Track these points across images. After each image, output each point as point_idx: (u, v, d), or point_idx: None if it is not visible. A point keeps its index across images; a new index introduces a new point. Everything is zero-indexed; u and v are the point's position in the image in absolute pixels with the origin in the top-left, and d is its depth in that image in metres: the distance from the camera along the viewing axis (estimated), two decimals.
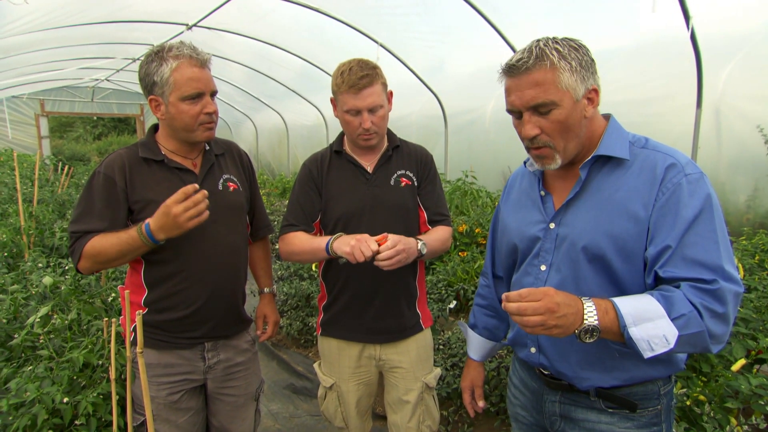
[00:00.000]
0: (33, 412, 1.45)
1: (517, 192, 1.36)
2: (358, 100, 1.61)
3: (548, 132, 1.10)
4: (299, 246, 1.71)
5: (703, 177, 1.06)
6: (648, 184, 1.08)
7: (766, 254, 3.32)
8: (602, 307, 0.99)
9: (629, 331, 0.97)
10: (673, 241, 1.02)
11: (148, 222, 1.44)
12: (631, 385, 1.16)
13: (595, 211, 1.12)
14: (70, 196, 5.08)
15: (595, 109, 1.13)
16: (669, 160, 1.08)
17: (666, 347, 0.96)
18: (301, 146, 10.60)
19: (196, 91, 1.51)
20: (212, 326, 1.63)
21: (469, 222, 4.44)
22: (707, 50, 3.93)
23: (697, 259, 1.01)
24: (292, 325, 3.78)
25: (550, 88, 1.07)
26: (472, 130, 6.46)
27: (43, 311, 1.74)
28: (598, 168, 1.15)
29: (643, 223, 1.07)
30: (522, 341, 1.30)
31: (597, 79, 1.13)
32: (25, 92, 12.08)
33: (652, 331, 0.96)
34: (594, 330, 0.97)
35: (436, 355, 2.71)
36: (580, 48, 1.10)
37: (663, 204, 1.05)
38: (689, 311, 0.97)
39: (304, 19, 5.97)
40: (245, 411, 1.77)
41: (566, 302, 0.97)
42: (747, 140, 4.03)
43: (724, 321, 1.00)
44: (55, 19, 5.83)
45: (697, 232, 1.02)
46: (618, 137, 1.14)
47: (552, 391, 1.26)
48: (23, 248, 3.13)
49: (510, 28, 4.87)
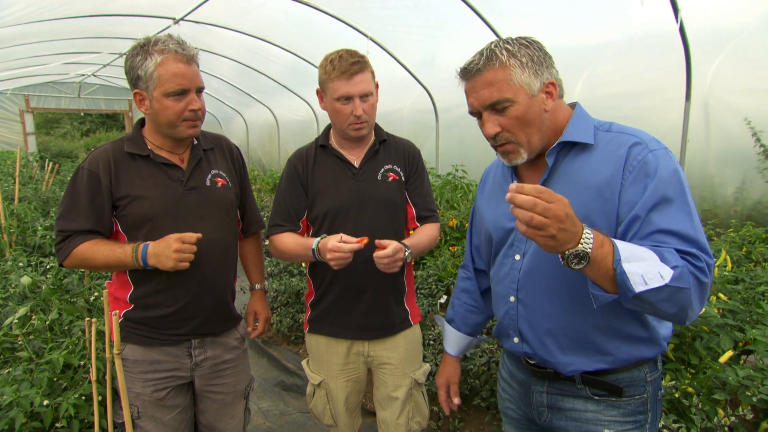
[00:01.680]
0: (11, 415, 1.41)
1: (491, 183, 1.39)
2: (350, 86, 1.58)
3: (508, 128, 1.13)
4: (287, 248, 1.72)
5: (668, 152, 1.08)
6: (613, 163, 1.09)
7: (753, 246, 3.35)
8: (599, 239, 0.97)
9: (623, 265, 0.95)
10: (642, 212, 1.03)
11: (147, 244, 1.47)
12: (617, 371, 1.16)
13: (563, 195, 1.10)
14: (55, 194, 4.99)
15: (555, 101, 1.15)
16: (632, 140, 1.09)
17: (660, 282, 0.94)
18: (292, 141, 10.53)
19: (180, 87, 1.47)
20: (199, 323, 1.61)
21: (459, 216, 4.43)
22: (696, 43, 3.94)
23: (672, 229, 1.01)
24: (282, 322, 3.76)
25: (503, 86, 1.10)
26: (463, 125, 6.44)
27: (22, 312, 1.69)
28: (564, 154, 1.17)
29: (611, 201, 1.07)
30: (505, 332, 1.30)
31: (554, 73, 1.15)
32: (8, 87, 11.87)
33: (647, 268, 0.95)
34: (584, 256, 0.94)
35: (426, 351, 2.70)
36: (532, 44, 1.13)
37: (631, 181, 1.06)
38: (682, 265, 0.97)
39: (293, 13, 5.91)
40: (234, 409, 1.75)
41: (573, 219, 0.94)
42: (735, 133, 4.05)
43: (704, 292, 1.00)
44: (37, 12, 5.71)
45: (669, 204, 1.02)
46: (582, 123, 1.16)
47: (539, 381, 1.27)
48: (4, 247, 3.06)
49: (501, 22, 4.85)
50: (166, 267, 1.45)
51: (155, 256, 1.46)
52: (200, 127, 1.59)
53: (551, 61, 1.15)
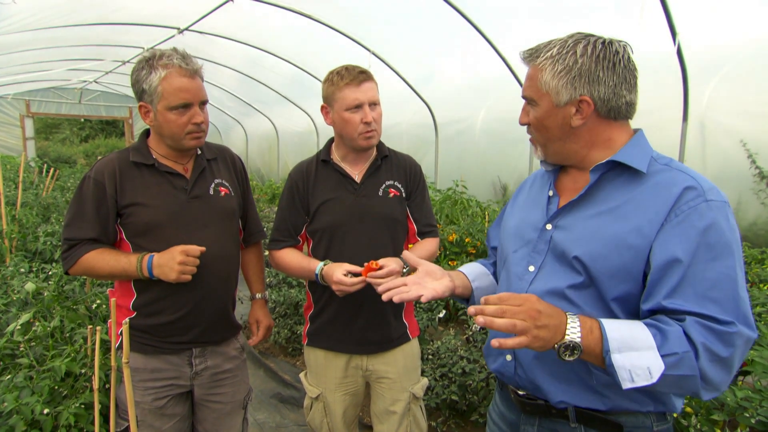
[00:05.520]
0: (10, 423, 1.41)
1: (527, 192, 1.31)
2: (360, 92, 1.61)
3: (532, 124, 1.12)
4: (288, 266, 1.76)
5: (726, 206, 0.96)
6: (660, 200, 0.98)
7: (749, 267, 3.38)
8: (587, 325, 0.92)
9: (611, 356, 0.90)
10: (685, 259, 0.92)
11: (153, 255, 1.50)
12: (618, 413, 1.05)
13: (597, 220, 1.04)
14: (55, 200, 4.98)
15: (584, 120, 1.04)
16: (689, 182, 0.97)
17: (648, 381, 0.88)
18: (291, 152, 10.58)
19: (183, 101, 1.50)
20: (200, 332, 1.61)
21: (459, 232, 4.45)
22: (693, 65, 4.01)
23: (711, 295, 0.90)
24: (280, 333, 3.74)
25: (533, 85, 1.08)
26: (463, 140, 6.51)
27: (25, 318, 1.69)
28: (612, 178, 1.06)
29: (647, 239, 0.97)
30: (497, 349, 1.18)
31: (603, 91, 1.02)
32: (9, 92, 11.90)
33: (636, 361, 0.89)
34: (575, 347, 0.90)
35: (425, 365, 2.70)
36: (592, 52, 1.00)
37: (674, 225, 0.95)
38: (684, 351, 0.88)
39: (296, 26, 5.99)
40: (232, 419, 1.75)
41: (548, 312, 0.91)
42: (731, 154, 4.12)
43: (725, 367, 0.90)
44: (44, 20, 5.77)
45: (714, 266, 0.91)
46: (638, 150, 1.06)
47: (529, 418, 1.16)
48: (5, 252, 3.06)
49: (503, 40, 4.92)
50: (169, 278, 1.47)
51: (159, 267, 1.48)
52: (204, 138, 1.61)
53: (607, 76, 1.01)
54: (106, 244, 1.56)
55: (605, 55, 1.01)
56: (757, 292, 2.54)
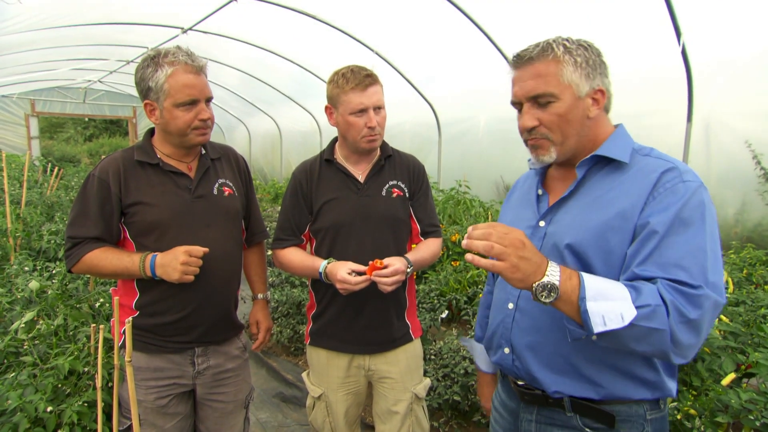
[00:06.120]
0: (14, 421, 1.41)
1: (519, 193, 1.36)
2: (365, 97, 1.61)
3: (547, 124, 1.10)
4: (292, 265, 1.75)
5: (702, 187, 1.02)
6: (642, 185, 1.04)
7: (753, 268, 3.36)
8: (567, 272, 0.95)
9: (586, 303, 0.93)
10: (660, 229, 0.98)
11: (156, 255, 1.50)
12: (611, 402, 1.09)
13: (584, 209, 1.09)
14: (59, 198, 5.00)
15: (600, 110, 1.12)
16: (668, 165, 1.05)
17: (620, 324, 0.91)
18: (294, 152, 10.58)
19: (190, 98, 1.50)
20: (203, 331, 1.62)
21: (462, 232, 4.44)
22: (697, 65, 3.99)
23: (681, 263, 0.95)
24: (282, 333, 3.75)
25: (551, 80, 1.07)
26: (466, 140, 6.49)
27: (29, 316, 1.70)
28: (596, 170, 1.13)
29: (630, 221, 1.03)
30: (497, 342, 1.25)
31: (606, 82, 1.11)
32: (15, 92, 11.95)
33: (610, 307, 0.92)
34: (552, 289, 0.92)
35: (427, 365, 2.69)
36: (590, 48, 1.10)
37: (654, 203, 1.01)
38: (656, 304, 0.92)
39: (300, 26, 5.99)
40: (234, 418, 1.75)
41: (532, 249, 0.94)
42: (736, 155, 4.09)
43: (693, 329, 0.93)
44: (49, 20, 5.79)
45: (686, 239, 0.97)
46: (621, 142, 1.12)
47: (528, 407, 1.20)
48: (9, 251, 3.07)
49: (507, 41, 4.91)
50: (171, 278, 1.47)
51: (162, 267, 1.48)
52: (209, 135, 1.62)
53: (606, 69, 1.11)
54: (110, 242, 1.56)
55: (597, 51, 1.11)
56: (762, 294, 2.52)
